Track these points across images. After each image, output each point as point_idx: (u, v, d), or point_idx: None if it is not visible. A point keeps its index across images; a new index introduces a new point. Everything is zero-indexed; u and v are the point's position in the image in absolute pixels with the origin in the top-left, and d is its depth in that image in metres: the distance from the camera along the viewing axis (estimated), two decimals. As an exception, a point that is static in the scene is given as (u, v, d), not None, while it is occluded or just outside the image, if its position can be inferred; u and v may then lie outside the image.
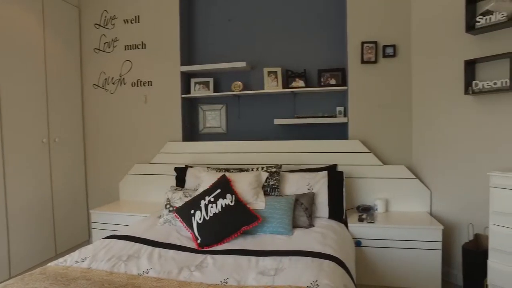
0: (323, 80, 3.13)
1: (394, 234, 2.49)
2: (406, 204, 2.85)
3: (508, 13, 2.26)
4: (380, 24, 2.95)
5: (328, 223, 2.46)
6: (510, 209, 1.91)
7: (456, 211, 2.65)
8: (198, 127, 3.65)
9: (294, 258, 1.84)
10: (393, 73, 2.95)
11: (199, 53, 3.60)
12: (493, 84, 2.32)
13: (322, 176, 2.70)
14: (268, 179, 2.66)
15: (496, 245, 1.99)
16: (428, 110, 2.81)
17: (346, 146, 2.94)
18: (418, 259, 2.46)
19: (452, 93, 2.64)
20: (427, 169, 2.84)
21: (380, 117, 2.98)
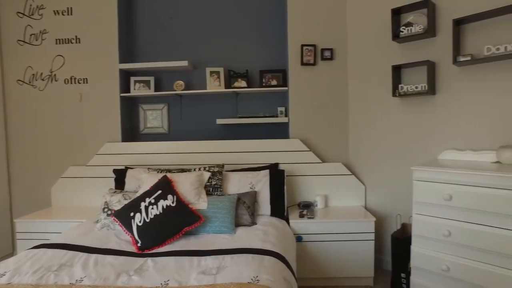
0: (265, 81, 3.21)
1: (332, 228, 2.63)
2: (343, 199, 3.03)
3: (424, 26, 2.52)
4: (319, 29, 3.10)
5: (270, 220, 2.53)
6: (430, 199, 2.13)
7: (387, 204, 2.89)
8: (138, 127, 3.52)
9: (236, 256, 1.87)
10: (330, 75, 3.12)
11: (140, 51, 3.47)
12: (415, 88, 2.57)
13: (264, 175, 2.77)
14: (210, 179, 2.66)
15: (418, 232, 2.21)
16: (362, 110, 3.02)
17: (287, 145, 3.04)
18: (354, 250, 2.63)
19: (382, 95, 2.87)
20: (362, 165, 3.05)
21: (319, 117, 3.13)
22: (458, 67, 2.44)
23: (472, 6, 2.36)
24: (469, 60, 2.29)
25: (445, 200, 2.06)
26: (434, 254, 2.14)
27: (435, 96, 2.57)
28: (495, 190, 1.89)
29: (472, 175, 1.97)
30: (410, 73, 2.69)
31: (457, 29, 2.38)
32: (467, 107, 2.42)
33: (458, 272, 2.05)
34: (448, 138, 2.52)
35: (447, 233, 2.06)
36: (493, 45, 2.21)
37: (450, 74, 2.48)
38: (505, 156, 2.14)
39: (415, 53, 2.65)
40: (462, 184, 2.00)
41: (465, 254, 2.02)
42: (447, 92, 2.50)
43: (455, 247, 2.06)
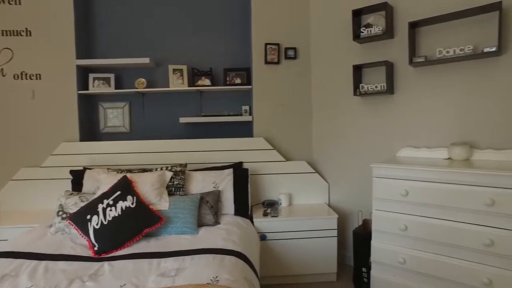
0: (229, 79, 3.18)
1: (296, 226, 2.65)
2: (307, 197, 3.06)
3: (383, 28, 2.60)
4: (283, 28, 3.11)
5: (233, 219, 2.50)
6: (388, 195, 2.20)
7: (350, 200, 2.96)
8: (98, 126, 3.37)
9: (196, 257, 1.83)
10: (294, 74, 3.14)
11: (99, 47, 3.33)
12: (374, 87, 2.65)
13: (227, 174, 2.74)
14: (172, 179, 2.59)
15: (377, 227, 2.27)
16: (325, 109, 3.07)
17: (251, 143, 3.03)
18: (317, 247, 2.66)
19: (344, 94, 2.93)
20: (325, 163, 3.10)
21: (283, 116, 3.15)
22: (414, 68, 2.54)
23: (426, 10, 2.47)
24: (423, 61, 2.39)
25: (402, 196, 2.13)
26: (392, 248, 2.21)
27: (393, 95, 2.66)
28: (447, 185, 1.98)
29: (425, 171, 2.05)
30: (371, 73, 2.76)
31: (412, 31, 2.47)
32: (423, 106, 2.52)
33: (413, 264, 2.13)
34: (406, 136, 2.61)
35: (404, 228, 2.14)
36: (444, 48, 2.32)
37: (407, 75, 2.58)
38: (456, 153, 2.25)
39: (375, 54, 2.73)
40: (417, 180, 2.08)
41: (420, 246, 2.11)
42: (405, 92, 2.60)
43: (411, 241, 2.14)
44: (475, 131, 2.32)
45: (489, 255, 1.88)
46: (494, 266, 1.87)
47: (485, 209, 1.86)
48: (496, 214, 1.84)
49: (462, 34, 2.32)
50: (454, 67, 2.38)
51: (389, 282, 2.24)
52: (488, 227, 1.87)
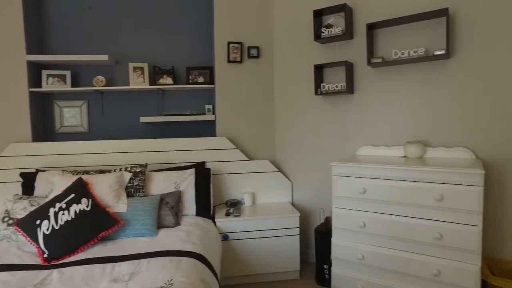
0: (192, 78, 3.13)
1: (258, 225, 2.64)
2: (271, 196, 3.07)
3: (343, 29, 2.66)
4: (246, 27, 3.10)
5: (195, 220, 2.46)
6: (347, 193, 2.25)
7: (312, 199, 2.99)
8: (53, 125, 3.21)
9: (153, 260, 1.78)
10: (257, 73, 3.14)
11: (54, 42, 3.16)
12: (335, 87, 2.70)
13: (189, 174, 2.69)
14: (132, 180, 2.51)
15: (337, 224, 2.31)
16: (288, 108, 3.10)
17: (214, 143, 3.00)
18: (280, 245, 2.67)
19: (306, 93, 2.96)
20: (288, 162, 3.12)
21: (246, 115, 3.13)
22: (372, 68, 2.61)
23: (382, 13, 2.55)
24: (380, 62, 2.46)
25: (360, 194, 2.18)
26: (351, 245, 2.26)
27: (353, 95, 2.72)
28: (401, 182, 2.05)
29: (381, 169, 2.11)
30: (331, 73, 2.81)
31: (370, 33, 2.54)
32: (381, 106, 2.60)
33: (371, 260, 2.19)
34: (365, 134, 2.68)
35: (362, 224, 2.19)
36: (400, 50, 2.40)
37: (366, 75, 2.65)
38: (411, 151, 2.33)
39: (336, 54, 2.79)
40: (373, 178, 2.14)
41: (377, 242, 2.17)
42: (364, 91, 2.67)
43: (369, 237, 2.20)
44: (428, 130, 2.42)
45: (438, 248, 1.97)
46: (442, 258, 1.96)
47: (435, 204, 1.95)
48: (445, 209, 1.93)
49: (416, 37, 2.41)
50: (408, 68, 2.47)
51: (349, 278, 2.29)
52: (438, 221, 1.96)
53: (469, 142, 2.28)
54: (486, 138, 2.23)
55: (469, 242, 1.88)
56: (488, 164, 2.23)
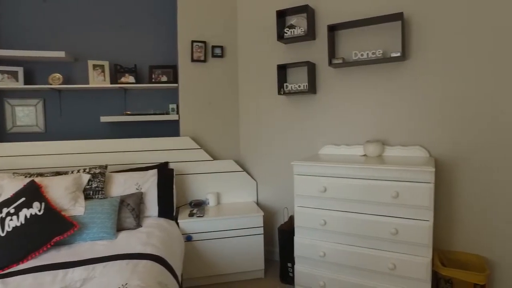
0: (155, 77, 3.06)
1: (222, 225, 2.63)
2: (236, 195, 3.06)
3: (305, 29, 2.70)
4: (210, 25, 3.07)
5: (157, 221, 2.41)
6: (308, 192, 2.28)
7: (277, 198, 3.02)
8: (5, 125, 3.03)
9: (109, 264, 1.72)
10: (221, 72, 3.12)
11: (4, 36, 2.98)
12: (298, 87, 2.73)
13: (151, 175, 2.63)
14: (90, 182, 2.42)
15: (299, 223, 2.35)
16: (252, 108, 3.10)
17: (178, 143, 2.95)
18: (244, 245, 2.67)
19: (270, 93, 2.98)
20: (253, 161, 3.13)
21: (211, 114, 3.11)
22: (334, 69, 2.67)
23: (343, 15, 2.61)
24: (341, 63, 2.52)
25: (321, 192, 2.23)
26: (313, 243, 2.30)
27: (316, 95, 2.77)
28: (359, 180, 2.11)
29: (340, 168, 2.16)
30: (294, 73, 2.85)
31: (331, 34, 2.60)
32: (342, 105, 2.66)
33: (333, 257, 2.24)
34: (327, 133, 2.74)
35: (323, 222, 2.24)
36: (359, 51, 2.47)
37: (328, 75, 2.70)
38: (370, 150, 2.41)
39: (299, 54, 2.82)
40: (334, 177, 2.19)
41: (338, 239, 2.22)
42: (326, 91, 2.72)
43: (330, 235, 2.24)
44: (386, 129, 2.51)
45: (394, 243, 2.04)
46: (397, 252, 2.04)
47: (391, 201, 2.02)
48: (400, 205, 2.00)
49: (375, 39, 2.49)
50: (368, 69, 2.54)
51: (312, 275, 2.33)
52: (394, 218, 2.03)
53: (423, 140, 2.39)
54: (438, 137, 2.34)
55: (421, 236, 1.97)
56: (440, 161, 2.34)
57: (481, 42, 2.18)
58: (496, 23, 2.13)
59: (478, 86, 2.21)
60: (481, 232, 2.27)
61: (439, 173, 2.35)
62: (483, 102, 2.20)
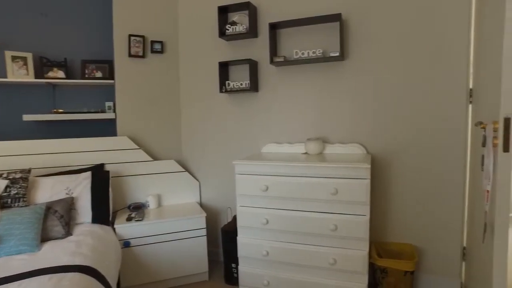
0: (88, 72, 2.84)
1: (164, 228, 2.51)
2: (178, 197, 2.95)
3: (247, 26, 2.66)
4: (148, 19, 2.91)
5: (89, 228, 2.22)
6: (250, 191, 2.25)
7: (220, 198, 2.96)
8: None
9: (26, 281, 1.53)
10: (161, 69, 2.98)
11: None
12: (240, 85, 2.69)
13: (84, 178, 2.43)
14: (9, 188, 2.17)
15: (242, 223, 2.31)
16: (194, 106, 3.01)
17: (115, 143, 2.76)
18: (187, 247, 2.57)
19: (212, 91, 2.91)
20: (195, 161, 3.04)
21: (150, 113, 2.96)
22: (275, 67, 2.67)
23: (284, 14, 2.62)
24: (282, 61, 2.52)
25: (263, 191, 2.21)
26: (256, 242, 2.28)
27: (258, 93, 2.75)
28: (300, 178, 2.12)
29: (281, 166, 2.16)
30: (237, 70, 2.80)
31: (273, 32, 2.59)
32: (284, 103, 2.67)
33: (276, 255, 2.24)
34: (270, 132, 2.74)
35: (265, 221, 2.23)
36: (300, 50, 2.49)
37: (270, 73, 2.70)
38: (311, 148, 2.44)
39: (241, 51, 2.78)
40: (275, 175, 2.19)
41: (280, 238, 2.22)
42: (268, 90, 2.71)
43: (272, 233, 2.24)
44: (327, 127, 2.57)
45: (334, 238, 2.09)
46: (337, 247, 2.09)
47: (330, 198, 2.06)
48: (339, 202, 2.06)
49: (315, 39, 2.53)
50: (308, 68, 2.58)
51: (256, 274, 2.31)
52: (334, 214, 2.08)
53: (361, 138, 2.48)
54: (374, 135, 2.44)
55: (359, 230, 2.04)
56: (377, 158, 2.45)
57: (410, 45, 2.31)
58: (426, 29, 2.27)
59: (406, 87, 2.34)
60: (412, 223, 2.42)
61: (375, 169, 2.46)
62: (412, 102, 2.34)
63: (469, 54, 2.21)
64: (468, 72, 2.22)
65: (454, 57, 2.23)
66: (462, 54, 2.21)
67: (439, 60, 2.26)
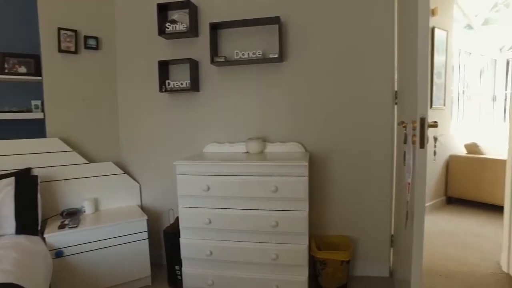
0: (9, 67, 2.58)
1: (101, 234, 2.38)
2: (117, 200, 2.82)
3: (187, 25, 2.63)
4: (81, 13, 2.73)
5: (13, 240, 2.03)
6: (192, 192, 2.24)
7: (163, 200, 2.90)
8: None
9: None
10: (97, 66, 2.82)
11: None
12: (180, 84, 2.65)
13: (6, 184, 2.22)
14: None
15: (184, 224, 2.29)
16: (133, 105, 2.89)
17: (44, 145, 2.56)
18: (128, 253, 2.47)
19: (152, 90, 2.83)
20: (135, 163, 2.93)
21: (85, 113, 2.79)
22: (216, 67, 2.68)
23: (225, 14, 2.63)
24: (223, 61, 2.54)
25: (204, 191, 2.21)
26: (199, 243, 2.28)
27: (199, 92, 2.73)
28: (241, 177, 2.16)
29: (222, 166, 2.18)
30: (177, 70, 2.76)
31: (214, 32, 2.60)
32: (225, 103, 2.69)
33: (219, 254, 2.25)
34: (211, 132, 2.74)
35: (208, 221, 2.23)
36: (241, 51, 2.53)
37: (210, 73, 2.70)
38: (251, 147, 2.50)
39: (182, 50, 2.74)
40: (216, 175, 2.20)
41: (223, 237, 2.24)
42: (209, 89, 2.71)
43: (215, 233, 2.25)
44: (267, 126, 2.64)
45: (275, 235, 2.16)
46: (279, 243, 2.16)
47: (271, 196, 2.13)
48: (279, 199, 2.13)
49: (256, 40, 2.59)
50: (248, 69, 2.63)
51: (200, 275, 2.31)
52: (274, 211, 2.15)
53: (299, 137, 2.59)
54: (311, 133, 2.57)
55: (299, 225, 2.13)
56: (314, 156, 2.58)
57: (343, 50, 2.47)
58: (357, 35, 2.44)
59: (340, 88, 2.50)
60: (347, 216, 2.59)
61: (313, 166, 2.59)
62: (345, 102, 2.50)
63: (394, 60, 2.42)
64: (393, 76, 2.43)
65: (382, 62, 2.43)
66: (389, 59, 2.42)
67: (368, 63, 2.44)
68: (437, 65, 4.09)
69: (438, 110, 4.19)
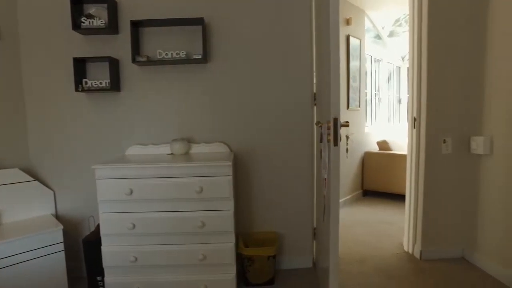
0: None
1: (7, 250, 2.12)
2: (27, 210, 2.55)
3: (106, 21, 2.49)
4: (-24, 1, 2.41)
5: None
6: (113, 196, 2.13)
7: (82, 207, 2.70)
8: None
9: None
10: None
11: None
12: (99, 84, 2.50)
13: None
14: None
15: (106, 230, 2.17)
16: (45, 106, 2.64)
17: None
18: (41, 268, 2.25)
19: (66, 89, 2.62)
20: (48, 169, 2.68)
21: (-15, 114, 2.47)
22: (139, 67, 2.58)
23: (147, 12, 2.55)
24: (145, 61, 2.46)
25: (127, 195, 2.12)
26: (123, 249, 2.18)
27: (120, 93, 2.61)
28: (165, 179, 2.12)
29: (145, 168, 2.12)
30: (96, 68, 2.59)
31: (135, 30, 2.50)
32: (148, 104, 2.61)
33: (145, 260, 2.18)
34: (134, 133, 2.63)
35: (132, 226, 2.14)
36: (164, 51, 2.48)
37: (132, 73, 2.59)
38: (176, 148, 2.46)
39: (101, 48, 2.59)
40: (139, 178, 2.12)
41: (148, 241, 2.18)
42: (131, 90, 2.61)
43: (140, 237, 2.17)
44: (192, 127, 2.62)
45: (202, 235, 2.17)
46: (206, 243, 2.17)
47: (196, 196, 2.12)
48: (204, 199, 2.14)
49: (179, 40, 2.55)
50: (172, 69, 2.58)
51: (125, 283, 2.20)
52: (200, 212, 2.15)
53: (224, 137, 2.63)
54: (234, 134, 2.63)
55: (225, 224, 2.16)
56: (239, 155, 2.64)
57: (265, 52, 2.57)
58: (278, 38, 2.56)
59: (263, 89, 2.60)
60: (273, 213, 2.70)
61: (238, 166, 2.64)
62: (268, 103, 2.61)
63: (312, 63, 2.60)
64: (312, 78, 2.61)
65: (301, 65, 2.59)
66: (307, 62, 2.58)
67: (290, 66, 2.58)
68: (352, 69, 4.47)
69: (354, 111, 4.59)
